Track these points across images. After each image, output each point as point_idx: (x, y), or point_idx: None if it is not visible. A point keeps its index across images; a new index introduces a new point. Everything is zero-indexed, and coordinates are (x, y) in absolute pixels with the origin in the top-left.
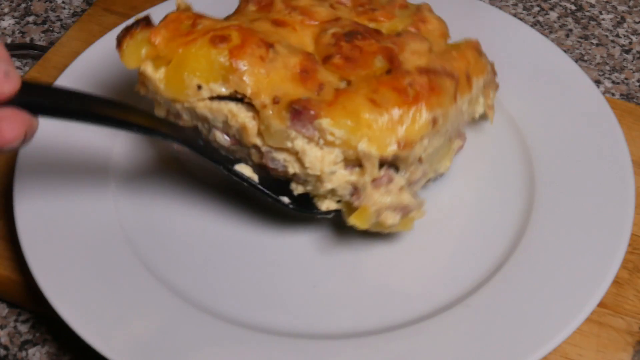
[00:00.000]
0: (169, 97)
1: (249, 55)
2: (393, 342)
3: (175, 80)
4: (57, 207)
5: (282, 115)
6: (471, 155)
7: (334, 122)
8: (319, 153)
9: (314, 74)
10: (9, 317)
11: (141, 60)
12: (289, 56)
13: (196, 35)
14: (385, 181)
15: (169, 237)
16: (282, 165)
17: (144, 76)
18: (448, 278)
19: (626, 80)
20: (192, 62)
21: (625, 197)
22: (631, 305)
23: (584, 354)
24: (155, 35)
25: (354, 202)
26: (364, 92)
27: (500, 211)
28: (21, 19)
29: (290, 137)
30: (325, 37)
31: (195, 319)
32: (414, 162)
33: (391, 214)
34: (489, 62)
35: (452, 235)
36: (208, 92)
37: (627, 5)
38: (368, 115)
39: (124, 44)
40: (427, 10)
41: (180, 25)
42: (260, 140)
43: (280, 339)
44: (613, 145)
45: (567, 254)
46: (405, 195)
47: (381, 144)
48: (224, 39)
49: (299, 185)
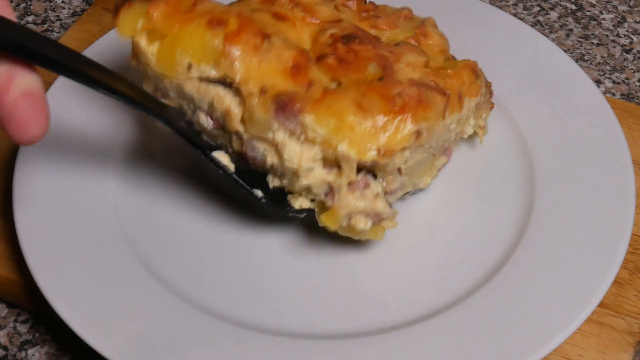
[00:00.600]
0: (158, 72)
1: (243, 42)
2: (393, 342)
3: (167, 56)
4: (56, 207)
5: (267, 106)
6: (471, 155)
7: (317, 119)
8: (298, 148)
9: (305, 70)
10: (8, 318)
11: (136, 31)
12: (283, 49)
13: (194, 15)
14: (362, 185)
15: (169, 237)
16: (261, 154)
17: (137, 48)
18: (448, 278)
19: (627, 80)
20: (186, 40)
21: (625, 197)
22: (632, 306)
23: (585, 354)
24: (155, 9)
25: (327, 202)
26: (351, 95)
27: (501, 211)
28: (21, 18)
29: (272, 128)
30: (323, 37)
31: (194, 319)
32: (392, 172)
33: (363, 219)
34: (485, 84)
35: (452, 235)
36: (197, 72)
37: (628, 5)
38: (352, 118)
39: (122, 12)
40: (431, 25)
41: (181, 3)
42: (242, 127)
43: (281, 339)
44: (613, 145)
45: (567, 253)
46: (380, 202)
47: (361, 148)
48: (222, 22)
49: (275, 178)
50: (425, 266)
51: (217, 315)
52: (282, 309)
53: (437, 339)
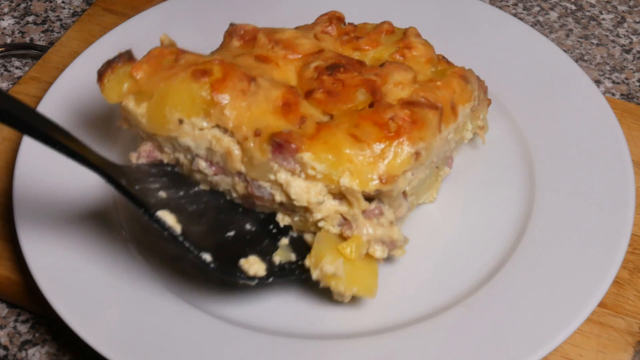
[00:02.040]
0: (151, 132)
1: (230, 89)
2: (393, 342)
3: (157, 115)
4: (56, 207)
5: (263, 148)
6: (472, 156)
7: (315, 156)
8: (303, 184)
9: (296, 107)
10: (8, 318)
11: (123, 95)
12: (270, 89)
13: (178, 70)
14: (377, 213)
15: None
16: (268, 193)
17: (126, 111)
18: (448, 278)
19: (626, 80)
20: (173, 96)
21: (625, 197)
22: (631, 306)
23: (585, 354)
24: (137, 70)
25: (345, 232)
26: (345, 127)
27: (501, 211)
28: (21, 18)
29: (273, 169)
30: (308, 71)
31: (195, 319)
32: (398, 196)
33: (380, 247)
34: (477, 86)
35: (452, 235)
36: (190, 126)
37: (628, 5)
38: (349, 150)
39: (105, 78)
40: (414, 35)
41: (162, 60)
42: (244, 167)
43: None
44: (613, 145)
45: (567, 253)
46: (395, 230)
47: (363, 179)
48: (206, 72)
49: (285, 216)
50: (425, 266)
51: (218, 315)
52: (282, 309)
53: (437, 339)
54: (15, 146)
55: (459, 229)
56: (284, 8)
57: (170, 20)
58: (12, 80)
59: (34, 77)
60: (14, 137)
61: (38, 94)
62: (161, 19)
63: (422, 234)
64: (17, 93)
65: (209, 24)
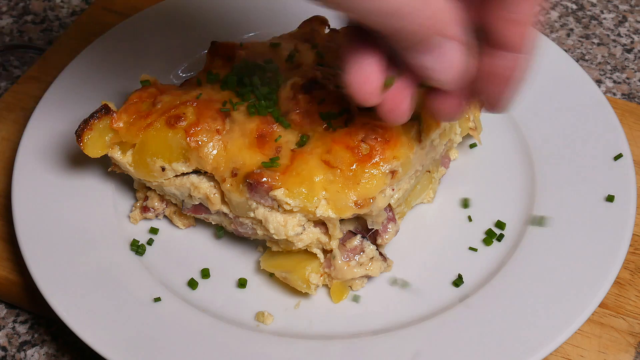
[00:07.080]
0: (140, 179)
1: (204, 131)
2: (393, 342)
3: (141, 164)
4: (56, 208)
5: (240, 188)
6: (472, 155)
7: (288, 192)
8: (281, 218)
9: (271, 137)
10: (7, 318)
11: (107, 146)
12: (245, 122)
13: (154, 117)
14: (358, 250)
15: (169, 237)
16: (250, 228)
17: (114, 160)
18: (448, 278)
19: (627, 80)
20: (152, 145)
21: (626, 197)
22: (633, 306)
23: (586, 354)
24: (117, 121)
25: (326, 271)
26: (318, 152)
27: (501, 211)
28: (19, 18)
29: (252, 207)
30: (285, 91)
31: (194, 319)
32: (379, 213)
33: (360, 282)
34: None
35: (452, 235)
36: (172, 172)
37: (629, 5)
38: (323, 177)
39: (85, 136)
40: None
41: (140, 105)
42: (226, 207)
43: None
44: (614, 145)
45: (568, 254)
46: (375, 266)
47: (338, 206)
48: (179, 117)
49: (273, 244)
50: (425, 266)
51: (218, 315)
52: (282, 309)
53: (437, 339)
54: (14, 146)
55: (458, 228)
56: (274, 8)
57: (169, 20)
58: (11, 79)
59: (33, 77)
60: (13, 137)
61: (37, 94)
62: (161, 19)
63: (421, 233)
64: (16, 92)
65: (208, 23)
